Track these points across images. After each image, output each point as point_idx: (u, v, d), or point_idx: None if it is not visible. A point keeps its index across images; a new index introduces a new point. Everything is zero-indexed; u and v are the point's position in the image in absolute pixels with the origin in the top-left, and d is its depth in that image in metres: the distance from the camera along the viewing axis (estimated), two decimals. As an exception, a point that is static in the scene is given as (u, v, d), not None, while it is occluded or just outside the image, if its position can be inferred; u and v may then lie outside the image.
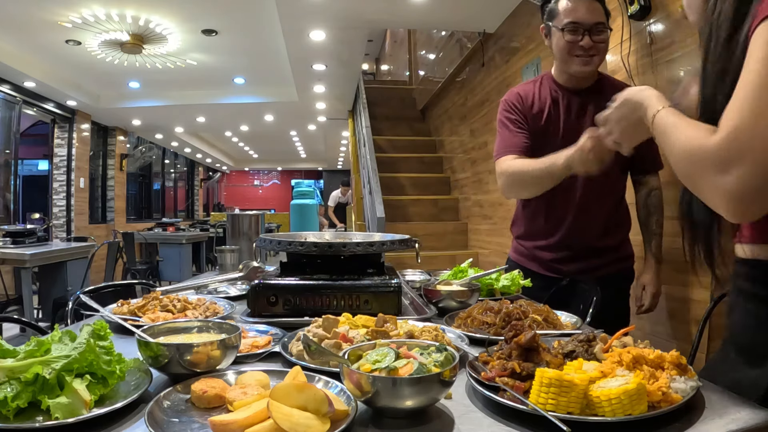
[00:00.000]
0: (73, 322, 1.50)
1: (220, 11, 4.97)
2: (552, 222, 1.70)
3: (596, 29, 1.56)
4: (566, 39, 1.56)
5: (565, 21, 1.56)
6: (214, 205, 17.85)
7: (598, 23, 1.56)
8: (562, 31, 1.57)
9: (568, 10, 1.56)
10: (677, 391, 0.70)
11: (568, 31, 1.56)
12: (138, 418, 0.69)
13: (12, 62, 5.84)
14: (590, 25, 1.55)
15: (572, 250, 1.70)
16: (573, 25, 1.55)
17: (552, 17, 1.61)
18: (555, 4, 1.61)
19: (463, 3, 4.13)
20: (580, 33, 1.55)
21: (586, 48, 1.56)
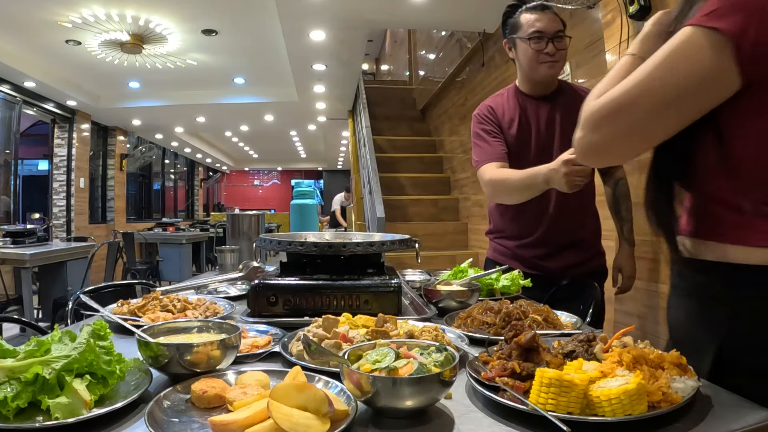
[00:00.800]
0: (73, 322, 1.50)
1: (220, 11, 4.97)
2: (532, 220, 1.77)
3: (557, 37, 1.70)
4: (533, 48, 1.69)
5: (530, 31, 1.69)
6: (214, 205, 17.85)
7: (558, 31, 1.70)
8: (528, 41, 1.69)
9: (531, 22, 1.70)
10: (677, 391, 0.70)
11: (533, 40, 1.68)
12: (138, 418, 0.69)
13: (12, 62, 5.84)
14: (552, 33, 1.69)
15: (552, 246, 1.77)
16: (538, 34, 1.68)
17: (515, 30, 1.74)
18: (517, 18, 1.74)
19: (463, 3, 4.13)
20: (545, 41, 1.68)
21: (551, 54, 1.69)
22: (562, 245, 1.77)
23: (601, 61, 2.87)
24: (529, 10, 1.72)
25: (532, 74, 1.74)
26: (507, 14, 1.80)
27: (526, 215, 1.76)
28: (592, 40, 3.02)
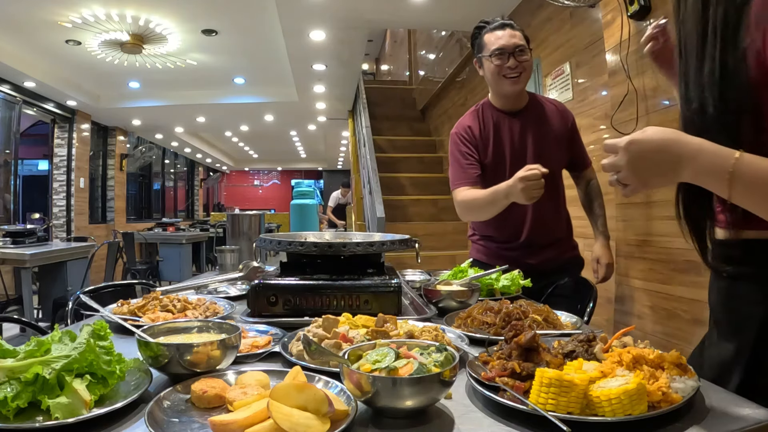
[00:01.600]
0: (73, 322, 1.50)
1: (220, 11, 4.97)
2: (515, 227, 1.90)
3: (519, 51, 1.79)
4: (494, 63, 1.80)
5: (492, 49, 1.80)
6: (214, 205, 17.84)
7: (519, 46, 1.79)
8: (490, 58, 1.81)
9: (493, 40, 1.81)
10: (677, 391, 0.70)
11: (495, 57, 1.80)
12: (138, 418, 0.69)
13: (12, 62, 5.84)
14: (513, 48, 1.79)
15: (534, 246, 1.91)
16: (499, 50, 1.79)
17: (481, 50, 1.86)
18: (482, 39, 1.85)
19: (463, 3, 4.13)
20: (506, 56, 1.79)
21: (512, 68, 1.79)
22: (542, 245, 1.92)
23: (601, 61, 2.87)
24: (492, 29, 1.84)
25: (499, 89, 1.87)
26: (474, 36, 1.91)
27: (509, 223, 1.87)
28: (592, 40, 3.02)
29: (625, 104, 2.47)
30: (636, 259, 2.57)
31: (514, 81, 1.82)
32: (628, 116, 2.47)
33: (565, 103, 3.39)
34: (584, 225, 3.21)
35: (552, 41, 3.52)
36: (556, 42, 3.47)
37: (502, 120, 1.89)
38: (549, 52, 3.57)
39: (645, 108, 2.36)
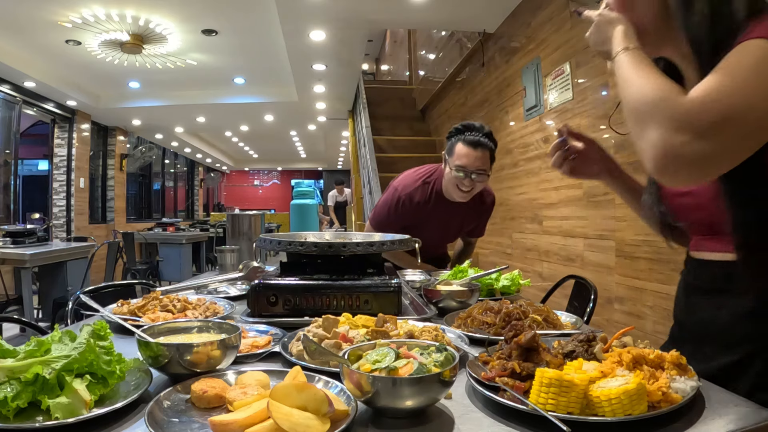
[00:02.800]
0: (73, 322, 1.50)
1: (220, 11, 4.97)
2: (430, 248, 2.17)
3: (478, 174, 1.95)
4: (454, 176, 1.97)
5: (456, 163, 1.96)
6: (214, 205, 17.84)
7: (480, 170, 1.95)
8: (452, 170, 1.97)
9: (460, 155, 1.95)
10: (677, 391, 0.70)
11: (456, 171, 1.96)
12: (138, 418, 0.69)
13: (12, 62, 5.84)
14: (474, 170, 1.95)
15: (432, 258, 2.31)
16: (461, 168, 1.95)
17: (450, 153, 2.00)
18: (453, 146, 1.99)
19: (463, 3, 4.13)
20: (466, 175, 1.95)
21: (466, 185, 1.98)
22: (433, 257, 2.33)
23: (601, 61, 2.87)
24: (466, 142, 1.96)
25: (450, 193, 2.05)
26: (452, 132, 2.04)
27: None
28: (592, 40, 3.01)
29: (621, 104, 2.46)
30: (636, 259, 2.57)
31: (463, 195, 2.01)
32: (628, 116, 2.47)
33: (565, 104, 3.40)
34: (584, 225, 3.22)
35: (552, 41, 3.52)
36: (556, 42, 3.47)
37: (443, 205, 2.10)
38: (549, 52, 3.57)
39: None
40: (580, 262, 3.21)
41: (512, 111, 4.26)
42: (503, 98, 4.43)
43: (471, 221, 2.26)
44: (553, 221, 3.59)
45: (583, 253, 3.20)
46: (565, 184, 3.41)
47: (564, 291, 2.18)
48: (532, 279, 3.74)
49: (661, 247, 2.24)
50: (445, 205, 2.10)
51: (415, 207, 2.08)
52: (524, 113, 3.98)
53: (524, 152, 4.04)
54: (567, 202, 3.38)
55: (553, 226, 3.59)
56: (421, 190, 2.10)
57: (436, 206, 2.11)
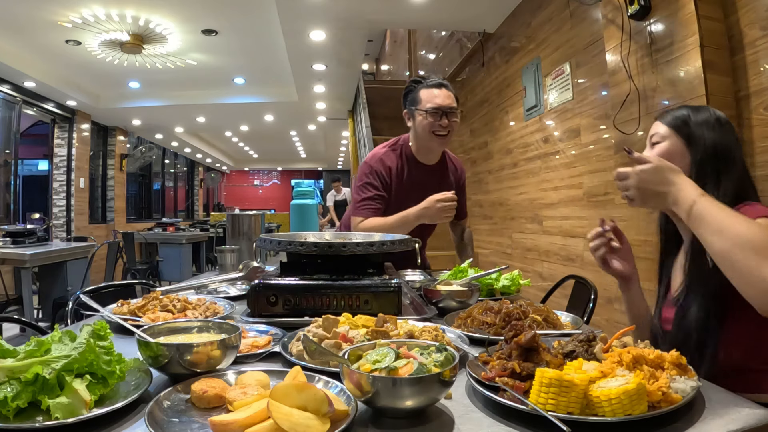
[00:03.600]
0: (73, 322, 1.50)
1: (220, 11, 4.97)
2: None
3: (451, 112, 1.92)
4: (428, 120, 1.92)
5: (427, 106, 1.91)
6: (214, 205, 17.84)
7: (452, 107, 1.93)
8: (425, 114, 1.92)
9: (429, 98, 1.92)
10: (677, 391, 0.70)
11: (430, 114, 1.91)
12: (138, 418, 0.69)
13: (12, 62, 5.84)
14: (447, 108, 1.92)
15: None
16: (434, 108, 1.91)
17: (415, 103, 1.96)
18: (416, 94, 1.96)
19: (463, 3, 4.13)
20: (439, 115, 1.91)
21: (443, 126, 1.92)
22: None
23: (601, 61, 2.87)
24: (428, 86, 1.94)
25: (427, 143, 1.98)
26: (409, 89, 2.01)
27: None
28: (593, 39, 3.02)
29: (626, 104, 2.47)
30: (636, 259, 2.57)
31: (442, 139, 1.95)
32: (628, 116, 2.47)
33: (565, 104, 3.40)
34: (584, 225, 3.22)
35: (552, 41, 3.52)
36: (556, 42, 3.47)
37: (416, 170, 2.04)
38: (549, 52, 3.57)
39: (645, 108, 2.36)
40: (580, 262, 3.21)
41: (512, 111, 4.26)
42: (503, 98, 4.43)
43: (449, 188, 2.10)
44: (553, 221, 3.59)
45: (583, 253, 3.20)
46: (565, 184, 3.42)
47: (564, 291, 2.18)
48: (532, 279, 3.74)
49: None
50: (421, 171, 2.03)
51: (388, 173, 2.00)
52: (524, 113, 3.98)
53: (524, 152, 4.04)
54: (567, 202, 3.38)
55: (553, 226, 3.59)
56: (391, 155, 2.03)
57: (411, 173, 2.02)
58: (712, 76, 2.03)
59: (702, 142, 1.14)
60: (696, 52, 2.05)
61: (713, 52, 2.05)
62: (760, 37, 1.95)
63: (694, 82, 2.06)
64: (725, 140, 1.14)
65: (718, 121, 1.16)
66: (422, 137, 1.97)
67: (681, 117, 1.19)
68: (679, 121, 1.18)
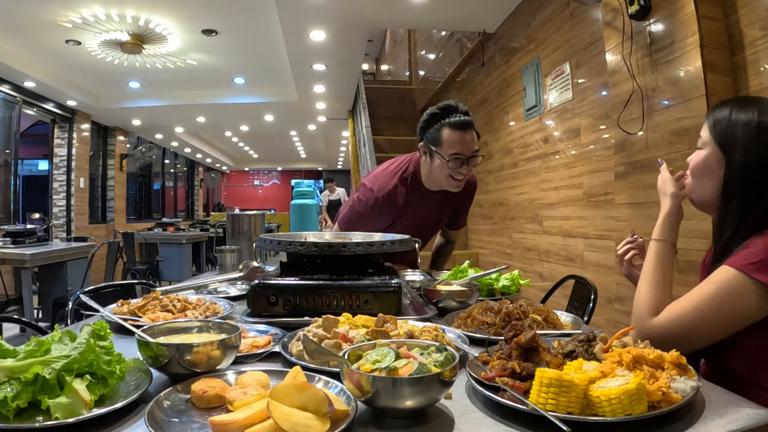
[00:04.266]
0: (73, 322, 1.50)
1: (220, 11, 4.97)
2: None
3: (473, 158, 1.79)
4: (450, 167, 1.77)
5: (450, 152, 1.75)
6: (214, 205, 17.84)
7: (474, 152, 1.78)
8: (446, 161, 1.76)
9: (452, 142, 1.75)
10: (677, 391, 0.70)
11: (452, 161, 1.76)
12: (138, 418, 0.69)
13: (12, 62, 5.84)
14: (470, 154, 1.77)
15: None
16: (457, 156, 1.75)
17: (435, 143, 1.78)
18: (439, 133, 1.77)
19: (463, 3, 4.13)
20: (461, 162, 1.77)
21: (464, 174, 1.80)
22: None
23: (601, 61, 2.87)
24: (452, 126, 1.75)
25: (441, 185, 1.87)
26: (430, 119, 1.81)
27: None
28: (593, 39, 3.02)
29: (628, 104, 2.47)
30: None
31: (458, 183, 1.83)
32: (630, 115, 2.47)
33: (565, 103, 3.40)
34: (584, 225, 3.22)
35: (552, 41, 3.52)
36: (556, 42, 3.47)
37: (422, 196, 1.93)
38: (549, 52, 3.57)
39: (646, 107, 2.36)
40: (580, 262, 3.21)
41: (512, 111, 4.25)
42: (503, 98, 4.43)
43: (448, 211, 2.07)
44: (553, 221, 3.59)
45: (583, 253, 3.20)
46: (565, 184, 3.41)
47: (564, 291, 2.18)
48: (532, 279, 3.74)
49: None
50: (426, 196, 1.93)
51: (392, 208, 1.90)
52: (524, 113, 3.98)
53: (524, 152, 4.04)
54: (567, 202, 3.38)
55: (553, 226, 3.59)
56: (401, 188, 1.90)
57: (416, 200, 1.93)
58: (712, 76, 2.03)
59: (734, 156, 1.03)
60: (696, 52, 2.05)
61: (713, 52, 2.05)
62: (760, 37, 1.95)
63: (695, 82, 2.06)
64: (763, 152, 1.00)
65: (760, 128, 1.01)
66: (437, 178, 1.85)
67: (721, 119, 1.07)
68: (718, 125, 1.07)
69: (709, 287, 0.96)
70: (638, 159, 2.42)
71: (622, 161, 2.54)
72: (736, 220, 1.02)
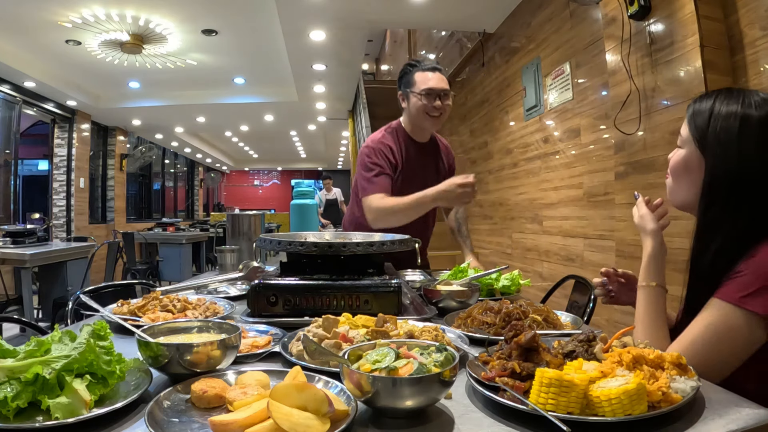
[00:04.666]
0: (73, 322, 1.50)
1: (220, 11, 4.97)
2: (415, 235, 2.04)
3: (444, 95, 1.98)
4: (422, 102, 1.96)
5: (422, 88, 1.96)
6: (214, 205, 17.84)
7: (445, 90, 1.98)
8: (419, 96, 1.96)
9: (424, 80, 1.97)
10: (677, 391, 0.70)
11: (424, 96, 1.95)
12: (138, 418, 0.69)
13: (12, 62, 5.84)
14: (440, 91, 1.96)
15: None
16: (428, 90, 1.95)
17: (410, 86, 2.01)
18: (411, 76, 2.00)
19: (463, 3, 4.13)
20: (433, 97, 1.95)
21: (437, 108, 1.96)
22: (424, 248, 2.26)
23: (601, 61, 2.87)
24: (423, 69, 1.99)
25: (420, 124, 2.03)
26: (404, 71, 2.05)
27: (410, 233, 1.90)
28: (593, 39, 3.02)
29: (626, 104, 2.47)
30: (636, 259, 2.57)
31: (435, 120, 1.99)
32: (628, 116, 2.47)
33: (565, 104, 3.40)
34: (584, 225, 3.22)
35: (552, 41, 3.52)
36: (556, 42, 3.47)
37: (412, 148, 2.08)
38: (549, 52, 3.57)
39: (646, 108, 2.36)
40: (580, 262, 3.21)
41: (512, 111, 4.25)
42: (503, 98, 4.43)
43: (442, 172, 2.16)
44: (553, 221, 3.59)
45: (583, 253, 3.20)
46: (565, 185, 3.41)
47: (564, 291, 2.18)
48: (532, 279, 3.74)
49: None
50: (418, 150, 2.08)
51: (390, 152, 2.01)
52: (524, 113, 3.98)
53: (524, 152, 4.04)
54: (567, 202, 3.38)
55: (553, 226, 3.59)
56: (389, 137, 2.06)
57: (410, 152, 2.06)
58: (712, 76, 2.03)
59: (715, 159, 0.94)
60: (696, 52, 2.05)
61: (713, 52, 2.05)
62: (760, 37, 1.95)
63: (694, 82, 2.06)
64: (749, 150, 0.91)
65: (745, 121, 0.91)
66: (416, 117, 2.01)
67: (701, 113, 0.97)
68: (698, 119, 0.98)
69: (705, 328, 0.90)
70: (638, 159, 2.42)
71: (622, 161, 2.54)
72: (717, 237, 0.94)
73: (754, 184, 0.92)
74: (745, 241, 0.91)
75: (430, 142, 2.15)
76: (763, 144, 0.91)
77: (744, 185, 0.92)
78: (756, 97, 0.94)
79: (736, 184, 0.92)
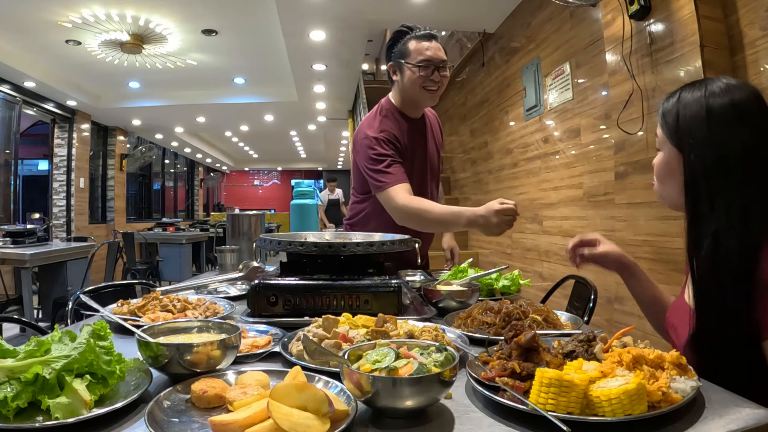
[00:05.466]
0: (73, 322, 1.50)
1: (220, 11, 4.97)
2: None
3: (442, 67, 1.78)
4: (419, 74, 1.76)
5: (418, 59, 1.76)
6: (214, 205, 17.84)
7: (443, 61, 1.78)
8: (415, 67, 1.76)
9: (420, 50, 1.76)
10: (677, 391, 0.70)
11: (421, 67, 1.75)
12: (138, 418, 0.69)
13: (12, 62, 5.84)
14: (439, 62, 1.77)
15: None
16: (426, 61, 1.75)
17: (403, 56, 1.80)
18: (404, 45, 1.80)
19: (463, 3, 4.13)
20: (431, 69, 1.76)
21: (435, 81, 1.78)
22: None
23: (601, 61, 2.87)
24: (418, 38, 1.78)
25: (416, 99, 1.84)
26: (395, 39, 1.85)
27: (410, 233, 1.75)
28: (593, 39, 3.02)
29: (628, 104, 2.47)
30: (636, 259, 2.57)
31: (433, 94, 1.81)
32: (630, 115, 2.47)
33: (565, 103, 3.40)
34: (585, 225, 3.21)
35: (552, 41, 3.52)
36: (556, 42, 3.47)
37: (407, 125, 1.89)
38: (549, 52, 3.57)
39: (647, 107, 2.36)
40: (580, 262, 3.21)
41: (512, 111, 4.25)
42: (503, 98, 4.43)
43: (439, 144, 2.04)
44: (553, 221, 3.59)
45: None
46: (565, 185, 3.41)
47: (564, 291, 2.18)
48: (532, 279, 3.74)
49: (662, 247, 2.25)
50: (412, 126, 1.90)
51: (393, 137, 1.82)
52: (524, 113, 3.98)
53: (524, 152, 4.04)
54: (567, 202, 3.38)
55: (553, 226, 3.59)
56: (385, 121, 1.85)
57: (405, 129, 1.87)
58: (712, 75, 2.03)
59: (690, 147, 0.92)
60: (696, 52, 2.05)
61: (713, 52, 2.05)
62: (760, 37, 1.95)
63: (694, 82, 2.06)
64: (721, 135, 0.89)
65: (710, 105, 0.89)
66: (411, 92, 1.82)
67: (670, 110, 0.97)
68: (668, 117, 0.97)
69: None
70: (638, 159, 2.42)
71: (622, 161, 2.54)
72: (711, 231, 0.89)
73: (734, 171, 0.88)
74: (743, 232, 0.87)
75: (422, 116, 1.97)
76: (732, 127, 0.89)
77: (724, 172, 0.89)
78: (719, 82, 0.93)
79: (716, 172, 0.89)
